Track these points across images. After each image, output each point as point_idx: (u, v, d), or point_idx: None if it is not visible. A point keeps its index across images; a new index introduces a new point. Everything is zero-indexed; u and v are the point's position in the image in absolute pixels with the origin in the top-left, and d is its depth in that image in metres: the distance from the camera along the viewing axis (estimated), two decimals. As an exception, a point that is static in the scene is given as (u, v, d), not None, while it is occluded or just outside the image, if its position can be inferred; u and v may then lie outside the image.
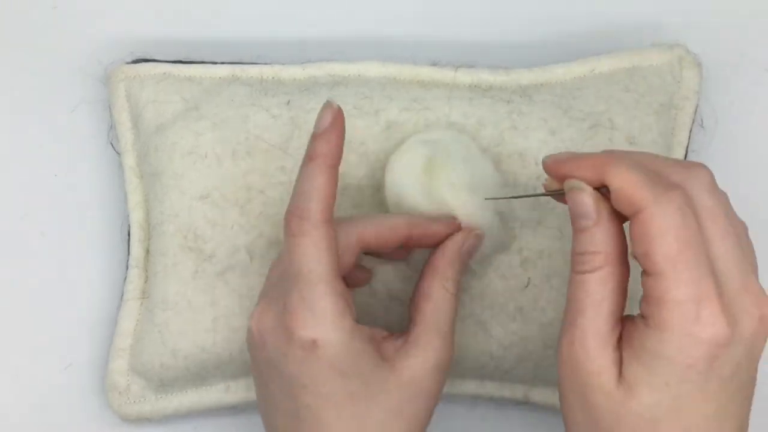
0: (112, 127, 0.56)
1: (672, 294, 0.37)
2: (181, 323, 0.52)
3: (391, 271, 0.51)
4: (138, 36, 0.59)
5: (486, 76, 0.54)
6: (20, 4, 0.59)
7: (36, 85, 0.59)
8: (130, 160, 0.55)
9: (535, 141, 0.51)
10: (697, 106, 0.54)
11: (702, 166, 0.40)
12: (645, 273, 0.39)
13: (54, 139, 0.58)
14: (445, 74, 0.54)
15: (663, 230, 0.37)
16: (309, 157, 0.43)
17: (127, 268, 0.55)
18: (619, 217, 0.40)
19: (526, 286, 0.51)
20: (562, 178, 0.41)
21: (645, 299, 0.39)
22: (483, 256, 0.49)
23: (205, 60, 0.56)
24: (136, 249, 0.54)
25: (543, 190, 0.44)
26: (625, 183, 0.38)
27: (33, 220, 0.57)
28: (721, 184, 0.55)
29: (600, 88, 0.53)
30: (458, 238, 0.47)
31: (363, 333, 0.43)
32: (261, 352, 0.44)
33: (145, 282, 0.54)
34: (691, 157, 0.55)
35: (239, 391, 0.53)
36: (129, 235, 0.55)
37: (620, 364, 0.39)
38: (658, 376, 0.38)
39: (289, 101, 0.52)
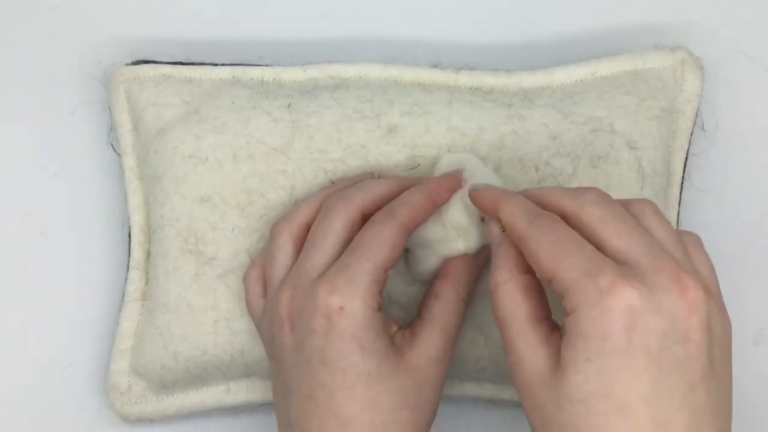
0: (112, 128, 0.56)
1: (567, 281, 0.39)
2: (182, 326, 0.52)
3: (392, 275, 0.51)
4: (138, 37, 0.58)
5: (487, 79, 0.54)
6: (20, 4, 0.59)
7: (36, 85, 0.58)
8: (130, 162, 0.55)
9: (535, 146, 0.51)
10: (698, 110, 0.54)
11: (591, 189, 0.43)
12: (549, 283, 0.41)
13: (54, 139, 0.58)
14: (447, 77, 0.54)
15: (538, 243, 0.41)
16: (424, 182, 0.49)
17: (127, 269, 0.55)
18: None
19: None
20: (478, 208, 0.47)
21: (559, 307, 0.41)
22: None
23: (206, 61, 0.55)
24: (137, 251, 0.55)
25: None
26: (507, 218, 0.43)
27: (33, 220, 0.57)
28: (722, 184, 0.56)
29: (601, 92, 0.53)
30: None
31: (383, 319, 0.46)
32: (288, 337, 0.46)
33: (146, 284, 0.54)
34: (692, 160, 0.55)
35: (239, 392, 0.54)
36: (129, 236, 0.55)
37: (558, 354, 0.40)
38: (580, 354, 0.39)
39: (290, 104, 0.52)
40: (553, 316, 0.43)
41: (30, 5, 0.59)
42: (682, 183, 0.54)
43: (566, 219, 0.42)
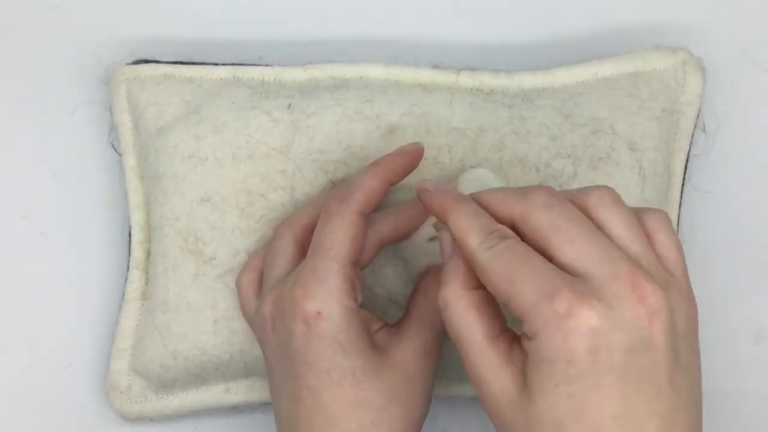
0: (112, 127, 0.56)
1: (524, 304, 0.38)
2: (182, 325, 0.52)
3: (391, 276, 0.51)
4: (139, 36, 0.58)
5: (488, 80, 0.54)
6: (21, 4, 0.59)
7: (37, 85, 0.58)
8: (131, 161, 0.55)
9: (536, 147, 0.51)
10: (699, 111, 0.53)
11: (537, 188, 0.41)
12: (505, 305, 0.40)
13: (54, 139, 0.58)
14: (447, 77, 0.54)
15: (490, 263, 0.39)
16: (375, 163, 0.47)
17: (127, 269, 0.55)
18: None
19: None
20: (426, 209, 0.44)
21: (519, 325, 0.39)
22: None
23: (206, 61, 0.55)
24: (137, 251, 0.55)
25: None
26: (457, 232, 0.41)
27: (33, 219, 0.57)
28: (723, 186, 0.56)
29: (602, 94, 0.53)
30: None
31: (362, 316, 0.45)
32: (271, 336, 0.46)
33: (146, 283, 0.54)
34: (693, 162, 0.55)
35: (239, 391, 0.54)
36: (130, 236, 0.55)
37: (523, 374, 0.39)
38: (547, 379, 0.38)
39: (290, 104, 0.52)
40: (509, 324, 0.42)
41: (30, 5, 0.59)
42: (683, 184, 0.54)
43: (517, 227, 0.41)
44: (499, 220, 0.41)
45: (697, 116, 0.54)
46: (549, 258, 0.39)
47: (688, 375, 0.39)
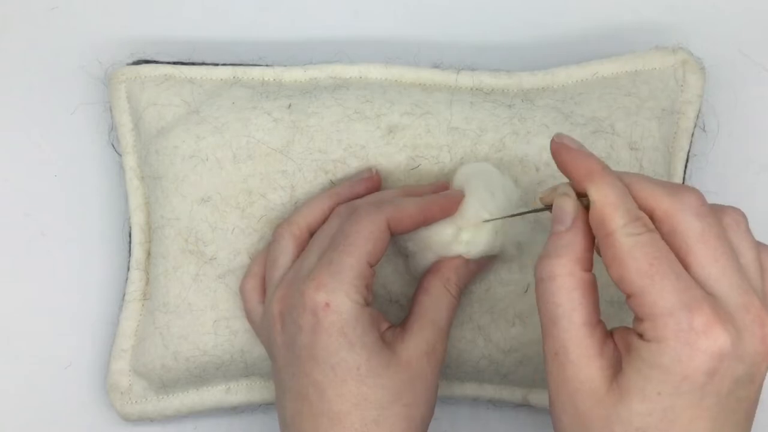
0: (112, 128, 0.56)
1: (658, 306, 0.37)
2: (182, 326, 0.52)
3: (391, 274, 0.51)
4: (139, 37, 0.58)
5: (488, 80, 0.54)
6: (21, 4, 0.59)
7: (37, 85, 0.58)
8: (131, 162, 0.55)
9: (536, 147, 0.51)
10: (699, 111, 0.53)
11: (690, 190, 0.40)
12: (628, 296, 0.39)
13: (55, 139, 0.58)
14: (447, 77, 0.54)
15: (631, 250, 0.38)
16: (421, 198, 0.47)
17: (128, 269, 0.55)
18: (592, 234, 0.41)
19: (526, 292, 0.51)
20: (559, 163, 0.42)
21: (636, 320, 0.39)
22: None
23: (206, 61, 0.55)
24: (137, 251, 0.55)
25: (538, 201, 0.43)
26: (603, 205, 0.39)
27: (33, 220, 0.57)
28: (724, 187, 0.56)
29: (602, 93, 0.53)
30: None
31: (371, 314, 0.45)
32: (280, 335, 0.46)
33: (146, 284, 0.54)
34: (693, 162, 0.55)
35: (239, 392, 0.54)
36: (130, 236, 0.55)
37: (612, 368, 0.39)
38: (652, 385, 0.37)
39: (290, 105, 0.52)
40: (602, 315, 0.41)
41: (30, 5, 0.59)
42: (683, 183, 0.54)
43: (657, 220, 0.39)
44: (641, 208, 0.40)
45: (697, 116, 0.53)
46: (684, 266, 0.38)
47: (758, 399, 0.40)
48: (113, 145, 0.56)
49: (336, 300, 0.44)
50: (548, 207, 0.42)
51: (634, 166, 0.51)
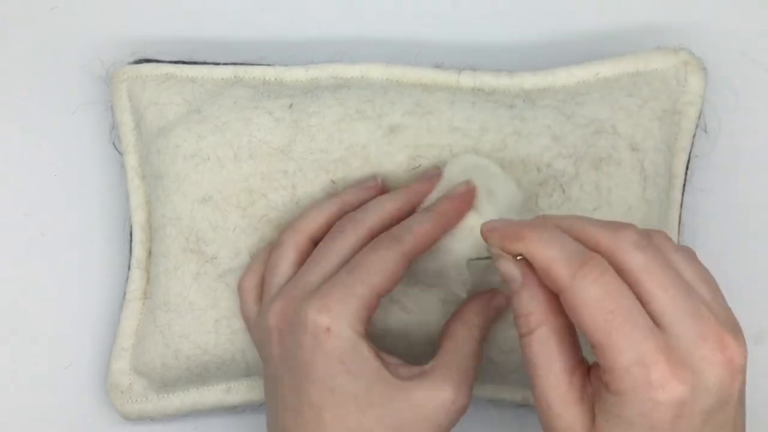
0: (113, 127, 0.56)
1: (616, 362, 0.38)
2: (183, 325, 0.52)
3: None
4: (140, 36, 0.58)
5: (489, 80, 0.54)
6: (22, 3, 0.59)
7: (38, 84, 0.58)
8: (132, 161, 0.55)
9: (537, 147, 0.51)
10: (701, 111, 0.53)
11: (627, 226, 0.40)
12: (591, 346, 0.39)
13: (55, 138, 0.58)
14: (449, 77, 0.54)
15: (586, 305, 0.38)
16: (429, 208, 0.47)
17: (129, 268, 0.55)
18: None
19: (528, 292, 0.50)
20: (493, 245, 0.43)
21: (601, 368, 0.39)
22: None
23: (208, 60, 0.55)
24: (138, 250, 0.55)
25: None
26: (542, 262, 0.39)
27: (34, 219, 0.57)
28: (724, 186, 0.56)
29: (604, 94, 0.53)
30: (488, 294, 0.49)
31: (369, 346, 0.44)
32: (276, 348, 0.45)
33: (147, 283, 0.54)
34: (695, 163, 0.55)
35: (240, 391, 0.54)
36: (131, 235, 0.55)
37: (591, 411, 0.40)
38: None
39: (291, 104, 0.52)
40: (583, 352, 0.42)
41: (31, 4, 0.59)
42: (684, 184, 0.54)
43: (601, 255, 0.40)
44: (586, 246, 0.40)
45: (699, 116, 0.53)
46: (638, 298, 0.39)
47: (744, 408, 0.40)
48: (114, 144, 0.56)
49: (338, 327, 0.43)
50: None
51: (636, 166, 0.51)
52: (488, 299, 0.49)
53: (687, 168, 0.54)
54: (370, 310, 0.44)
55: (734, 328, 0.40)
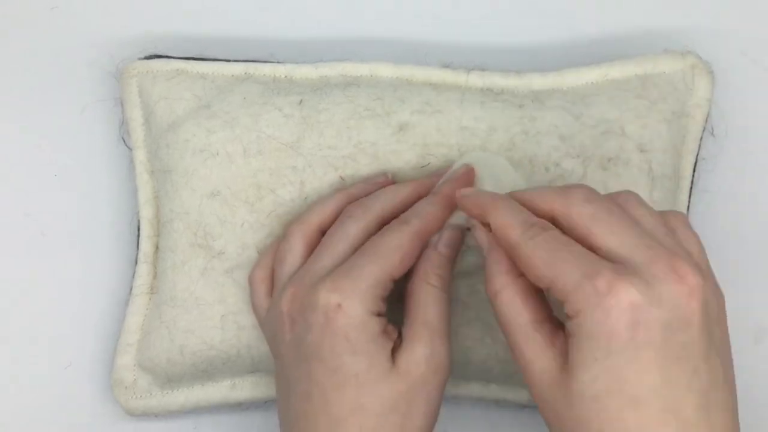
0: (123, 122, 0.56)
1: (567, 285, 0.40)
2: (189, 320, 0.52)
3: None
4: (151, 32, 0.58)
5: (498, 80, 0.54)
6: (27, 2, 0.59)
7: (48, 80, 0.58)
8: (141, 156, 0.55)
9: (546, 147, 0.51)
10: (708, 114, 0.54)
11: (577, 186, 0.43)
12: (547, 291, 0.41)
13: (66, 134, 0.58)
14: (458, 77, 0.54)
15: (533, 252, 0.41)
16: (434, 192, 0.49)
17: (136, 263, 0.55)
18: None
19: (534, 291, 0.51)
20: (464, 212, 0.47)
21: (562, 307, 0.41)
22: (477, 266, 0.51)
23: (218, 57, 0.55)
24: (146, 245, 0.54)
25: None
26: (498, 227, 0.43)
27: (39, 215, 0.57)
28: (733, 189, 0.56)
29: (612, 95, 0.53)
30: (435, 239, 0.49)
31: (381, 324, 0.45)
32: (288, 334, 0.46)
33: (154, 278, 0.54)
34: (702, 165, 0.55)
35: (245, 388, 0.53)
36: (138, 230, 0.55)
37: (563, 355, 0.41)
38: (588, 354, 0.39)
39: (301, 101, 0.52)
40: (555, 313, 0.43)
41: (41, 2, 0.59)
42: (691, 186, 0.54)
43: (557, 221, 0.42)
44: (540, 216, 0.43)
45: (706, 119, 0.54)
46: (590, 248, 0.41)
47: (722, 356, 0.41)
48: (124, 140, 0.56)
49: (349, 303, 0.44)
50: None
51: (644, 167, 0.51)
52: (435, 243, 0.48)
53: (694, 170, 0.54)
54: (383, 290, 0.45)
55: (691, 259, 0.41)
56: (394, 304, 0.47)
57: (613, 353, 0.39)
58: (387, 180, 0.51)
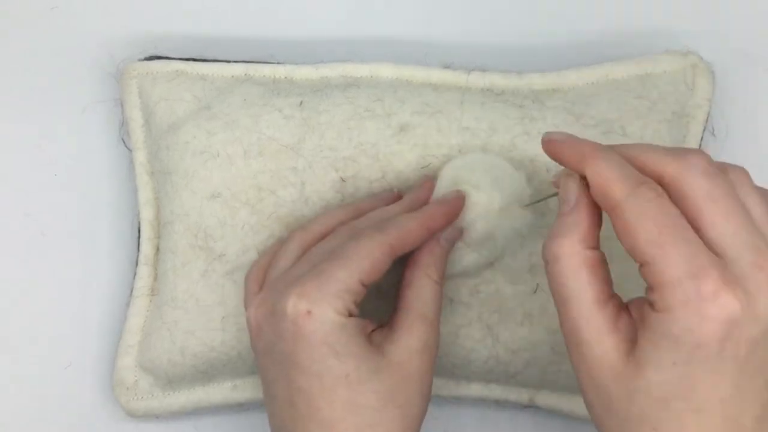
0: (123, 123, 0.56)
1: (667, 275, 0.37)
2: (190, 322, 0.52)
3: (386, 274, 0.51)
4: (151, 33, 0.58)
5: (498, 80, 0.54)
6: (33, 2, 0.59)
7: (49, 81, 0.58)
8: (141, 157, 0.55)
9: (547, 147, 0.51)
10: (708, 114, 0.53)
11: (696, 152, 0.39)
12: (640, 265, 0.38)
13: (66, 134, 0.58)
14: (458, 77, 0.54)
15: (640, 219, 0.37)
16: (418, 210, 0.48)
17: (136, 265, 0.55)
18: (598, 211, 0.40)
19: (535, 292, 0.51)
20: (552, 158, 0.42)
21: (648, 288, 0.38)
22: (478, 266, 0.50)
23: (218, 58, 0.55)
24: (146, 246, 0.54)
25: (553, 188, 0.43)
26: (600, 179, 0.39)
27: (39, 216, 0.57)
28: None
29: (613, 95, 0.53)
30: (437, 234, 0.48)
31: (357, 323, 0.44)
32: (259, 341, 0.46)
33: (154, 280, 0.54)
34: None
35: (246, 389, 0.54)
36: (139, 232, 0.55)
37: (628, 342, 0.39)
38: (666, 355, 0.37)
39: (301, 102, 0.52)
40: (615, 288, 0.41)
41: (42, 3, 0.59)
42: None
43: (666, 186, 0.38)
44: (648, 175, 0.39)
45: (707, 119, 0.53)
46: (695, 228, 0.37)
47: None
48: (124, 141, 0.56)
49: (318, 309, 0.43)
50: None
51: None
52: (437, 237, 0.48)
53: (694, 171, 0.54)
54: (353, 294, 0.44)
55: None
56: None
57: (694, 361, 0.37)
58: (394, 196, 0.51)
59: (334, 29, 0.58)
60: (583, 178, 0.40)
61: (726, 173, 0.39)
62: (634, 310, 0.39)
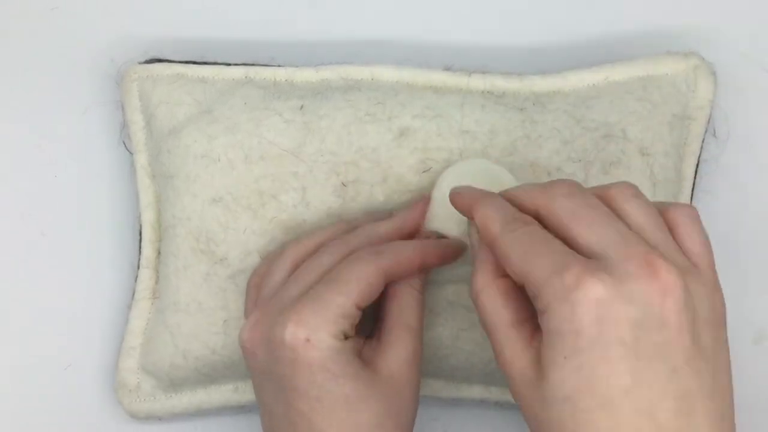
0: (124, 126, 0.56)
1: (539, 280, 0.39)
2: (192, 325, 0.52)
3: None
4: (152, 36, 0.58)
5: (499, 83, 0.54)
6: (33, 2, 0.59)
7: (50, 82, 0.58)
8: (142, 160, 0.55)
9: (547, 151, 0.51)
10: (710, 116, 0.54)
11: (561, 181, 0.43)
12: (524, 288, 0.40)
13: (67, 135, 0.58)
14: (459, 79, 0.54)
15: (512, 246, 0.41)
16: (419, 241, 0.49)
17: (138, 268, 0.55)
18: None
19: (536, 295, 0.51)
20: (457, 209, 0.46)
21: (533, 300, 0.40)
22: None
23: (218, 61, 0.55)
24: (148, 250, 0.55)
25: None
26: (481, 220, 0.43)
27: (40, 218, 0.57)
28: (735, 192, 0.56)
29: (614, 98, 0.53)
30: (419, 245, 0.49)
31: (352, 344, 0.45)
32: (254, 363, 0.46)
33: (156, 282, 0.54)
34: (704, 167, 0.55)
35: (248, 391, 0.54)
36: (140, 235, 0.55)
37: (540, 354, 0.40)
38: (557, 352, 0.38)
39: (302, 106, 0.52)
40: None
41: (43, 3, 0.59)
42: (693, 188, 0.54)
43: (541, 218, 0.42)
44: (526, 213, 0.42)
45: (708, 121, 0.54)
46: (569, 244, 0.40)
47: (713, 361, 0.39)
48: (125, 143, 0.56)
49: (316, 337, 0.44)
50: None
51: (645, 171, 0.51)
52: (413, 250, 0.48)
53: (696, 172, 0.54)
54: (349, 318, 0.45)
55: (677, 256, 0.40)
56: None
57: (580, 351, 0.38)
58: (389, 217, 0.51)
59: (335, 31, 0.58)
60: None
61: (606, 190, 0.42)
62: (539, 321, 0.41)
